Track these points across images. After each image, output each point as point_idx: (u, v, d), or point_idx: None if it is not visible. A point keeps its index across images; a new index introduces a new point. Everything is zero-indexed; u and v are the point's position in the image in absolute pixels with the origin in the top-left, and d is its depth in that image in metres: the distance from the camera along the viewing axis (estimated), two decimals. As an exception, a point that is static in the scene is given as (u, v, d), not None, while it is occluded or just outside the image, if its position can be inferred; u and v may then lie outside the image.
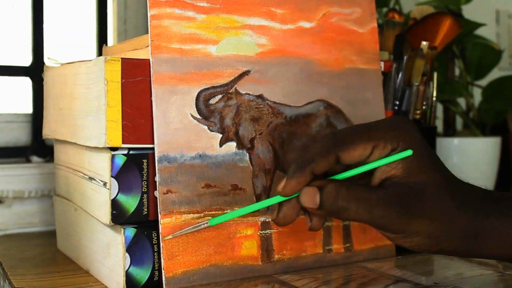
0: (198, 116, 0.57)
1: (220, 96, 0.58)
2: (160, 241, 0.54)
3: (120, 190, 0.55)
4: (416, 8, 0.82)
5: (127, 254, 0.54)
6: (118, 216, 0.55)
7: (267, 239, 0.60)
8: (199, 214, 0.56)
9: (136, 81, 0.55)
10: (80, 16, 0.97)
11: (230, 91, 0.59)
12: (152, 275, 0.56)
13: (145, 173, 0.56)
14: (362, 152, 0.49)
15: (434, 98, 0.74)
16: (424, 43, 0.72)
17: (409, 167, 0.49)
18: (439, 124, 1.01)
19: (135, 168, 0.55)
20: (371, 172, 0.50)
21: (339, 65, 0.66)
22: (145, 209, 0.56)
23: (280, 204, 0.50)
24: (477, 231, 0.49)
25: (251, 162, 0.59)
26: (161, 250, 0.54)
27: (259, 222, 0.59)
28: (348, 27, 0.67)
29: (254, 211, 0.54)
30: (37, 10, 0.89)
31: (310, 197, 0.48)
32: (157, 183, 0.55)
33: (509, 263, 0.64)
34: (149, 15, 0.56)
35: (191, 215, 0.56)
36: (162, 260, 0.54)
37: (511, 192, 0.52)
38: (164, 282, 0.54)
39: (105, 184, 0.55)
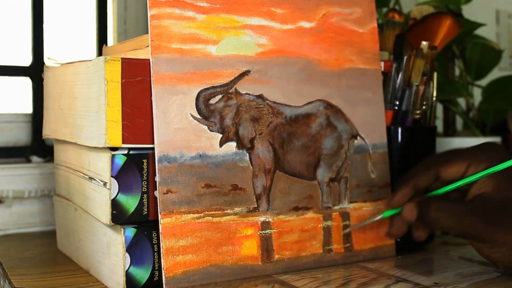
0: (198, 116, 0.57)
1: (220, 96, 0.58)
2: (160, 241, 0.54)
3: (120, 190, 0.55)
4: (416, 8, 0.82)
5: (127, 254, 0.54)
6: (118, 216, 0.55)
7: (267, 239, 0.60)
8: (199, 214, 0.56)
9: (136, 81, 0.55)
10: (80, 16, 0.97)
11: (230, 91, 0.59)
12: (152, 275, 0.56)
13: (145, 173, 0.56)
14: (458, 169, 0.56)
15: (434, 98, 0.74)
16: (424, 43, 0.72)
17: (498, 183, 0.54)
18: (439, 124, 1.01)
19: (135, 168, 0.55)
20: (467, 190, 0.56)
21: (339, 65, 0.66)
22: (145, 209, 0.56)
23: (392, 220, 0.60)
24: None
25: (251, 162, 0.59)
26: (161, 250, 0.54)
27: (259, 222, 0.59)
28: (348, 27, 0.67)
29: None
30: (37, 10, 0.89)
31: (409, 212, 0.56)
32: (157, 183, 0.55)
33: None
34: (149, 15, 0.56)
35: (191, 215, 0.56)
36: (162, 260, 0.54)
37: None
38: (164, 282, 0.54)
39: (105, 184, 0.55)
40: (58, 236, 0.71)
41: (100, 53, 0.89)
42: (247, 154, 0.59)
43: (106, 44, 0.70)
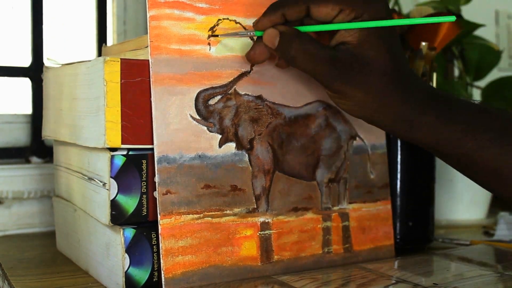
0: (198, 117, 0.57)
1: (219, 96, 0.58)
2: (159, 242, 0.54)
3: (120, 190, 0.55)
4: (416, 9, 0.82)
5: (126, 255, 0.54)
6: (118, 217, 0.55)
7: (267, 239, 0.60)
8: (199, 215, 0.56)
9: (135, 82, 0.55)
10: (80, 16, 0.97)
11: (229, 91, 0.59)
12: (151, 275, 0.56)
13: (144, 173, 0.56)
14: (330, 11, 0.53)
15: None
16: (423, 43, 0.72)
17: (364, 39, 0.53)
18: (439, 125, 1.01)
19: (134, 168, 0.55)
20: (333, 35, 0.55)
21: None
22: (145, 210, 0.56)
23: (254, 43, 0.58)
24: (411, 121, 0.53)
25: (250, 163, 0.59)
26: (161, 250, 0.54)
27: (259, 223, 0.59)
28: (347, 27, 0.67)
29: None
30: (37, 10, 0.89)
31: (271, 38, 0.54)
32: (157, 183, 0.55)
33: (507, 265, 0.64)
34: (148, 15, 0.56)
35: (191, 216, 0.56)
36: (161, 260, 0.54)
37: (449, 93, 0.56)
38: (163, 283, 0.54)
39: (104, 184, 0.55)
40: (58, 236, 0.71)
41: (99, 53, 0.89)
42: (246, 155, 0.59)
43: (106, 45, 0.70)
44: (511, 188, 0.54)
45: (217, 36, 0.58)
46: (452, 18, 0.53)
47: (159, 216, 0.54)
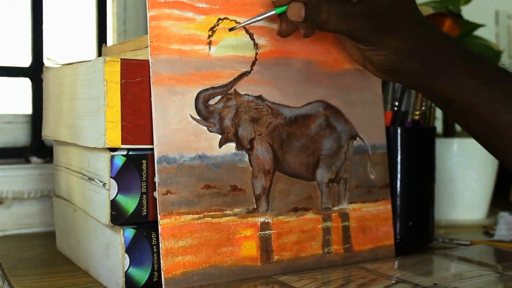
0: (198, 117, 0.57)
1: (219, 97, 0.58)
2: (159, 242, 0.54)
3: (120, 190, 0.55)
4: (416, 9, 0.82)
5: (126, 255, 0.54)
6: (118, 217, 0.55)
7: (267, 240, 0.60)
8: (199, 215, 0.56)
9: (135, 82, 0.55)
10: (80, 16, 0.97)
11: (230, 92, 0.59)
12: (151, 275, 0.56)
13: (144, 173, 0.56)
14: None
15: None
16: (423, 43, 0.71)
17: None
18: (439, 125, 1.01)
19: (134, 168, 0.55)
20: None
21: (338, 66, 0.66)
22: (145, 210, 0.56)
23: (280, 20, 0.57)
24: (439, 61, 0.55)
25: (250, 163, 0.59)
26: (161, 250, 0.54)
27: (259, 223, 0.59)
28: (347, 27, 0.67)
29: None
30: (37, 10, 0.89)
31: (296, 11, 0.54)
32: (157, 183, 0.55)
33: (507, 265, 0.64)
34: (148, 16, 0.56)
35: (191, 216, 0.56)
36: (161, 261, 0.54)
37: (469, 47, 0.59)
38: (163, 283, 0.54)
39: (104, 184, 0.55)
40: (58, 236, 0.71)
41: (99, 53, 0.89)
42: (247, 155, 0.59)
43: (106, 45, 0.70)
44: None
45: (234, 28, 0.59)
46: None
47: (159, 216, 0.54)
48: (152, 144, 0.55)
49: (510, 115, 0.54)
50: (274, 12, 0.57)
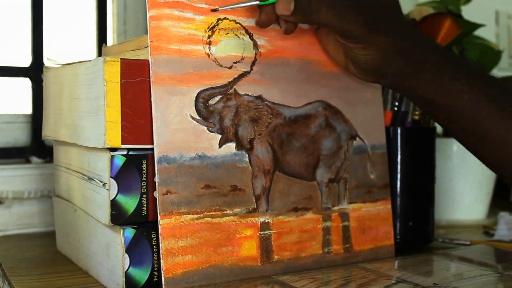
0: (198, 117, 0.57)
1: (219, 97, 0.58)
2: (159, 242, 0.54)
3: (120, 190, 0.55)
4: (416, 9, 0.82)
5: (126, 255, 0.54)
6: (118, 217, 0.55)
7: (267, 240, 0.60)
8: (199, 215, 0.56)
9: (135, 82, 0.55)
10: (80, 16, 0.97)
11: (230, 92, 0.59)
12: (151, 275, 0.56)
13: (144, 173, 0.56)
14: None
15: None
16: (423, 43, 0.71)
17: None
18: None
19: (134, 168, 0.55)
20: None
21: (338, 66, 0.66)
22: (145, 210, 0.56)
23: (260, 11, 0.56)
24: (421, 63, 0.55)
25: (250, 163, 0.59)
26: (161, 250, 0.54)
27: (259, 223, 0.59)
28: (347, 27, 0.67)
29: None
30: (37, 10, 0.89)
31: (285, 5, 0.53)
32: (157, 183, 0.55)
33: (507, 265, 0.64)
34: (148, 16, 0.56)
35: (191, 216, 0.56)
36: (161, 260, 0.54)
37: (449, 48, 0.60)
38: (163, 283, 0.54)
39: (104, 184, 0.55)
40: (58, 236, 0.71)
41: (99, 53, 0.89)
42: (247, 155, 0.59)
43: (106, 45, 0.70)
44: (492, 150, 0.55)
45: (217, 9, 0.58)
46: None
47: (159, 216, 0.54)
48: (152, 144, 0.55)
49: (492, 118, 0.54)
50: (257, 2, 0.56)
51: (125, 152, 0.55)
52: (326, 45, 0.62)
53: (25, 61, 0.90)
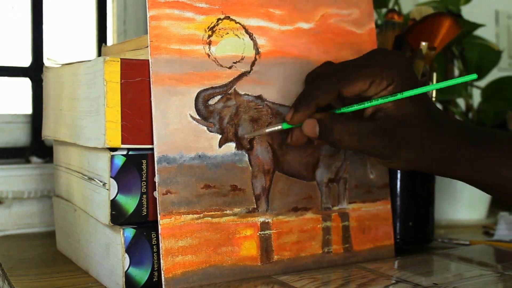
0: (197, 117, 0.57)
1: (219, 96, 0.58)
2: (159, 242, 0.54)
3: (120, 190, 0.55)
4: (416, 9, 0.82)
5: (126, 255, 0.54)
6: (118, 217, 0.55)
7: (267, 239, 0.60)
8: (199, 215, 0.56)
9: (135, 82, 0.55)
10: (80, 16, 0.97)
11: (229, 91, 0.59)
12: (151, 275, 0.56)
13: (144, 173, 0.56)
14: (362, 86, 0.55)
15: (433, 99, 0.74)
16: (423, 43, 0.72)
17: (399, 101, 0.55)
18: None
19: (134, 168, 0.55)
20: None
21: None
22: (145, 210, 0.56)
23: (292, 130, 0.59)
24: (450, 157, 0.56)
25: (250, 163, 0.59)
26: (161, 250, 0.54)
27: (259, 223, 0.59)
28: (346, 28, 0.67)
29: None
30: (37, 10, 0.89)
31: (311, 128, 0.56)
32: (157, 183, 0.55)
33: (507, 265, 0.64)
34: (148, 15, 0.56)
35: (190, 216, 0.56)
36: (161, 260, 0.54)
37: (484, 125, 0.60)
38: (163, 283, 0.54)
39: (104, 184, 0.55)
40: (58, 236, 0.71)
41: (99, 53, 0.89)
42: (246, 155, 0.59)
43: (106, 45, 0.70)
44: None
45: (247, 137, 0.60)
46: (474, 76, 0.55)
47: (159, 216, 0.54)
48: (152, 144, 0.55)
49: None
50: (280, 127, 0.58)
51: (125, 152, 0.55)
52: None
53: (25, 61, 0.90)
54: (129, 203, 0.55)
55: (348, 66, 0.57)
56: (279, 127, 0.58)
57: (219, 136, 0.58)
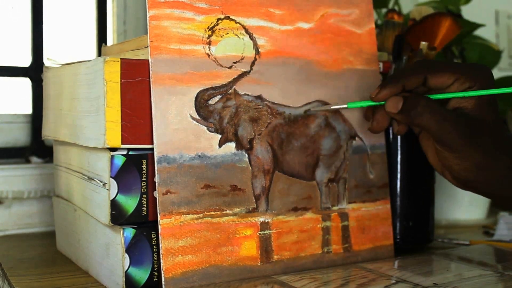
0: (197, 117, 0.57)
1: (219, 96, 0.58)
2: (159, 242, 0.54)
3: (119, 190, 0.55)
4: (416, 9, 0.82)
5: (126, 255, 0.54)
6: (118, 217, 0.55)
7: (266, 239, 0.60)
8: (199, 215, 0.56)
9: (135, 82, 0.55)
10: (80, 16, 0.97)
11: (229, 91, 0.59)
12: (151, 275, 0.56)
13: (144, 173, 0.56)
14: (446, 80, 0.57)
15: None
16: (423, 43, 0.72)
17: (480, 104, 0.57)
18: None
19: (134, 168, 0.55)
20: (446, 101, 0.59)
21: (337, 66, 0.66)
22: (145, 210, 0.56)
23: (374, 113, 0.61)
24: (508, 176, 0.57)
25: (250, 163, 0.59)
26: (161, 250, 0.54)
27: (258, 223, 0.59)
28: (346, 28, 0.67)
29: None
30: (37, 10, 0.89)
31: (394, 104, 0.58)
32: (157, 183, 0.55)
33: (507, 265, 0.64)
34: (148, 15, 0.56)
35: (190, 216, 0.56)
36: (161, 260, 0.54)
37: None
38: (163, 283, 0.54)
39: (104, 184, 0.55)
40: (58, 236, 0.71)
41: (99, 53, 0.89)
42: (246, 155, 0.59)
43: (106, 45, 0.70)
44: None
45: (308, 110, 0.62)
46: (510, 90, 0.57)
47: (159, 216, 0.54)
48: (152, 144, 0.55)
49: None
50: (346, 106, 0.61)
51: (125, 152, 0.55)
52: (426, 150, 0.63)
53: (25, 61, 0.90)
54: (129, 203, 0.55)
55: (438, 61, 0.59)
56: (345, 106, 0.61)
57: (219, 136, 0.58)
